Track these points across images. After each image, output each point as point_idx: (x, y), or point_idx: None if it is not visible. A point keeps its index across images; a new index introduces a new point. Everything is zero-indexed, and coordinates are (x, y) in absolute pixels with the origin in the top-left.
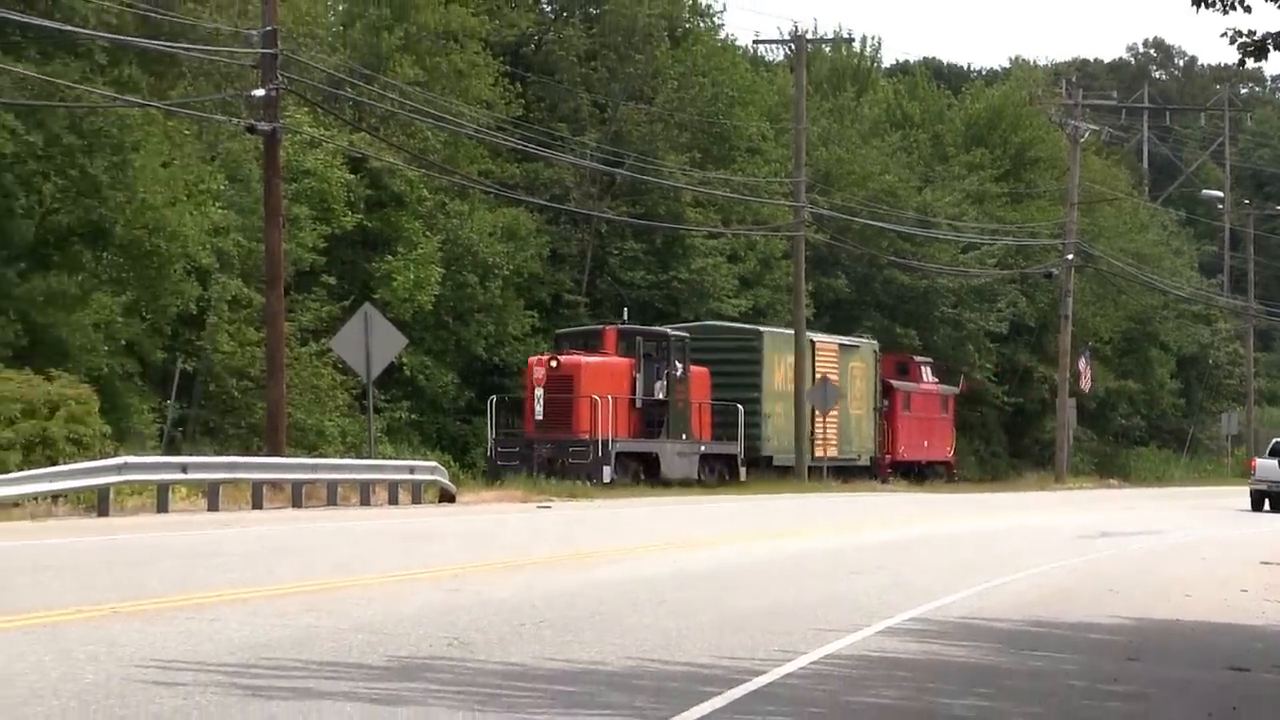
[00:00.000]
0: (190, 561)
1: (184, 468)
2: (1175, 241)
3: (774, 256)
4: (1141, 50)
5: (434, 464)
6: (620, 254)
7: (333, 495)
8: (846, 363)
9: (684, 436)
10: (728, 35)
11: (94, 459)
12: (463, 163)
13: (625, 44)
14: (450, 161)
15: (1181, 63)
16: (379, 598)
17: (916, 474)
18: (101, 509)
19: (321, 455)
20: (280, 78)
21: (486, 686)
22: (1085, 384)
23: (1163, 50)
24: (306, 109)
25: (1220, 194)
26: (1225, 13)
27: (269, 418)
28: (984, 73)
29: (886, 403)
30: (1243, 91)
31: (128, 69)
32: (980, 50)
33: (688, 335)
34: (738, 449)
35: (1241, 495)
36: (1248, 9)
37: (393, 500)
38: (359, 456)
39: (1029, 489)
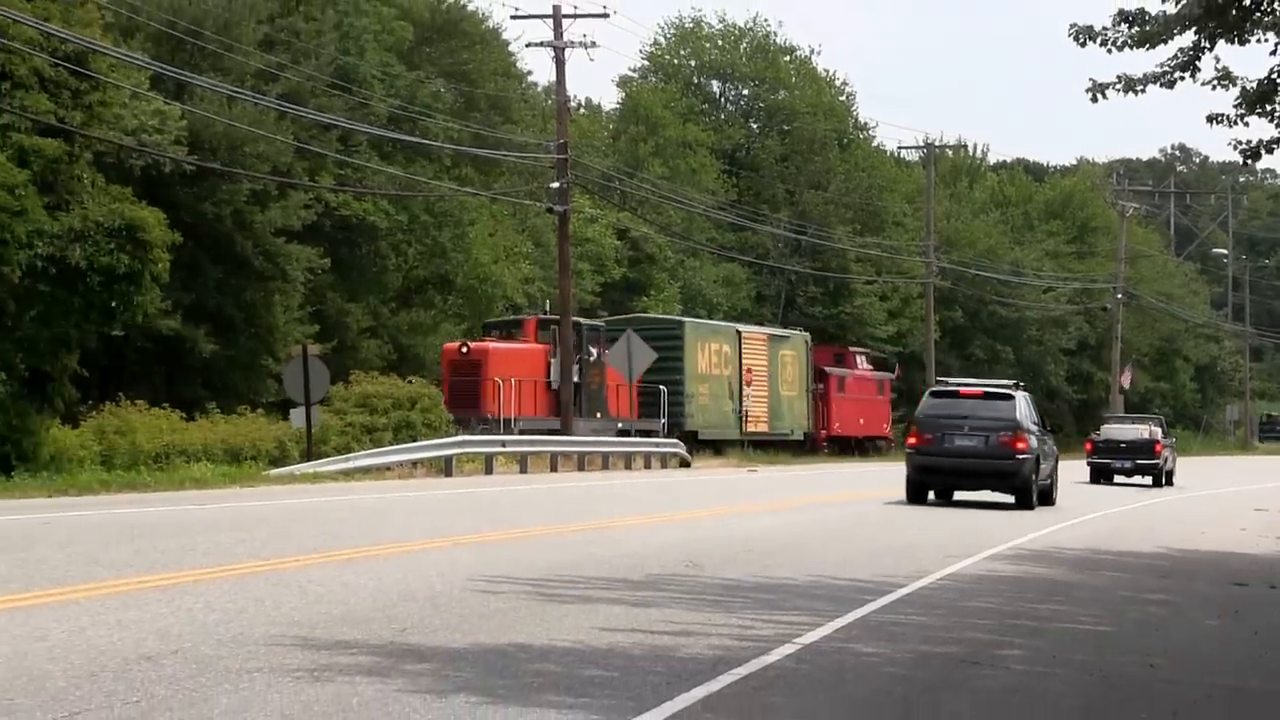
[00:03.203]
0: (507, 508)
1: (503, 443)
2: (1193, 285)
3: (911, 296)
4: (1169, 151)
5: (676, 440)
6: (805, 295)
7: (605, 462)
8: (776, 351)
9: (598, 415)
10: (879, 143)
11: (441, 437)
12: (695, 232)
13: (808, 150)
14: (687, 231)
15: (1198, 160)
16: (637, 533)
17: (855, 447)
18: (447, 472)
19: (597, 434)
20: (569, 174)
21: (711, 595)
22: (1128, 384)
23: (1184, 151)
24: (588, 195)
25: (1225, 252)
26: (1230, 126)
27: (562, 409)
28: (1059, 167)
29: (820, 386)
30: (1240, 180)
31: (465, 169)
32: (1056, 151)
33: (603, 324)
34: (659, 425)
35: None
36: (1245, 124)
37: (647, 466)
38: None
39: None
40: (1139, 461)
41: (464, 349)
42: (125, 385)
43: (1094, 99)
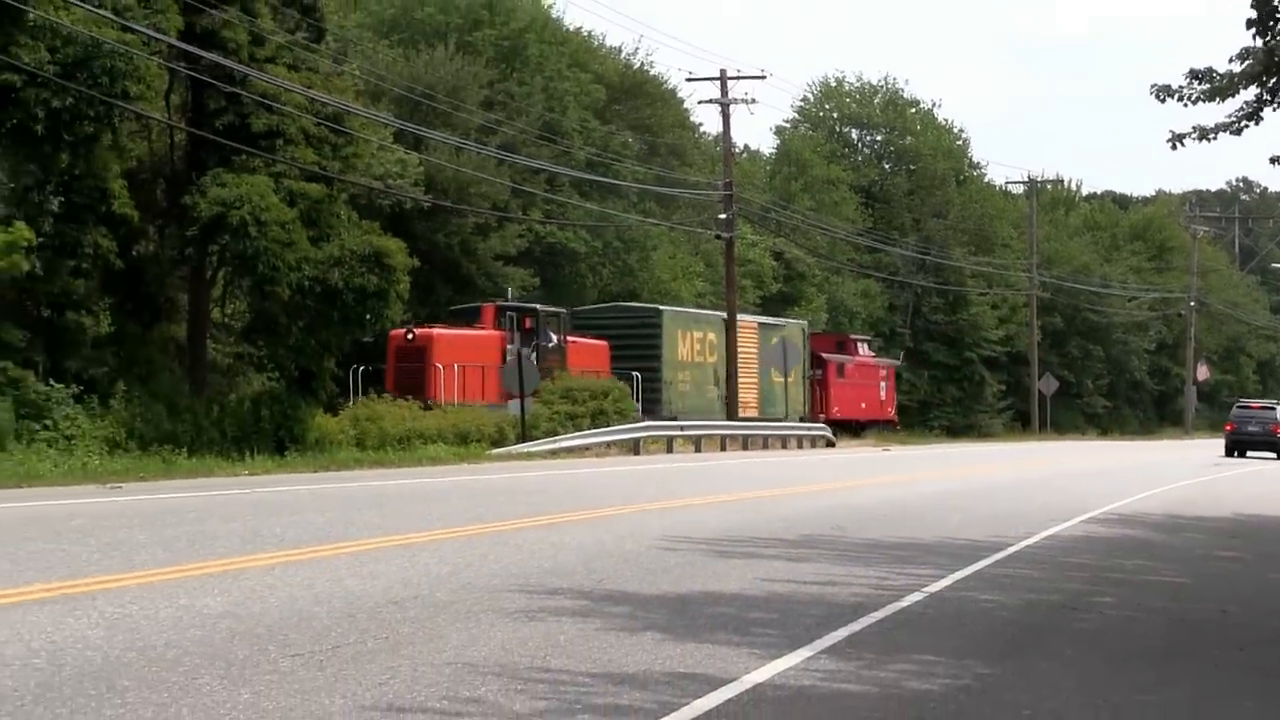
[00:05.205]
0: (684, 481)
1: (681, 427)
2: (1254, 294)
3: (1017, 305)
4: (1234, 183)
5: (823, 424)
6: (929, 305)
7: (765, 443)
8: (767, 339)
9: None
10: (989, 179)
11: (630, 423)
12: (838, 254)
13: (930, 185)
14: (830, 253)
15: (1259, 190)
16: (791, 500)
17: (856, 429)
18: (635, 451)
19: (757, 420)
20: (734, 207)
21: (854, 552)
22: (1201, 377)
23: (1247, 183)
24: (749, 224)
25: None
26: None
27: (729, 399)
28: (1141, 198)
29: (819, 372)
30: None
31: (649, 203)
32: (1139, 184)
33: (564, 310)
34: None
35: None
36: None
37: (799, 446)
38: (780, 421)
39: (1168, 439)
40: None
41: (409, 335)
42: (374, 382)
43: (1173, 147)
